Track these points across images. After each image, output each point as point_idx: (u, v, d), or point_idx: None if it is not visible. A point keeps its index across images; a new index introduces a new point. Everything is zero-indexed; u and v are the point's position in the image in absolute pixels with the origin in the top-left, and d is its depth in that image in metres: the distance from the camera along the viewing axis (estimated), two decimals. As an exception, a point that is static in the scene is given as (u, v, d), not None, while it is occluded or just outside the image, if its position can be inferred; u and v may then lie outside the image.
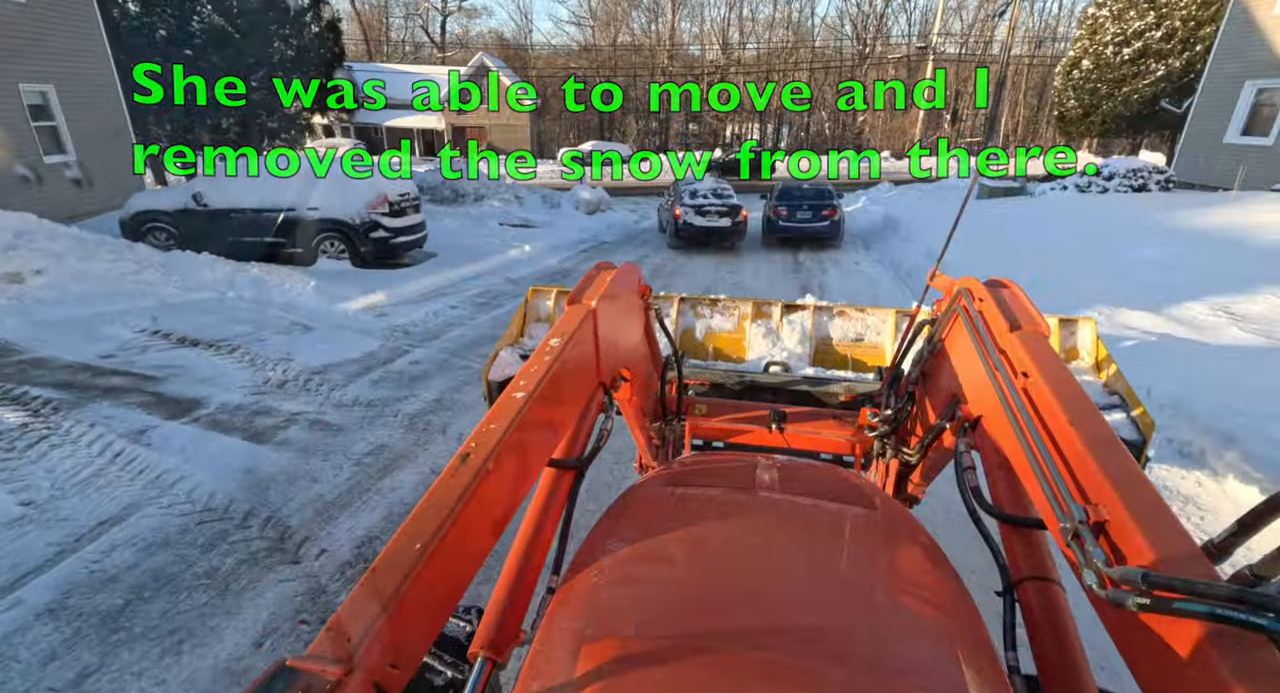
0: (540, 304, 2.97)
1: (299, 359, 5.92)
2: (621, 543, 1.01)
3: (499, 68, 39.09)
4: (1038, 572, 1.03)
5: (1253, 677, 0.58)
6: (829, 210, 12.89)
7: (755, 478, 1.21)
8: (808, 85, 46.78)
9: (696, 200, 12.86)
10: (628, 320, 1.70)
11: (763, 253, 12.93)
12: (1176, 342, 5.45)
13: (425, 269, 9.57)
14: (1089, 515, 0.79)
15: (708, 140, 47.58)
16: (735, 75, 47.67)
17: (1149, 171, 12.97)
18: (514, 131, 40.66)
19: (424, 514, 0.82)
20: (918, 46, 35.65)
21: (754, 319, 3.16)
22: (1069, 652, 0.91)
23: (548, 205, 17.54)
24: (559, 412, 1.21)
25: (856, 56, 44.36)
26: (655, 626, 0.80)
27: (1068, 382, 1.02)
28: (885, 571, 0.96)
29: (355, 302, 7.75)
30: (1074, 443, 0.89)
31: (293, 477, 3.97)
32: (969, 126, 43.83)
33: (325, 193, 8.88)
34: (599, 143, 38.36)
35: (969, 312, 1.37)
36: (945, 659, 0.78)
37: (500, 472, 0.93)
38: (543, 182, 28.59)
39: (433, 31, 50.51)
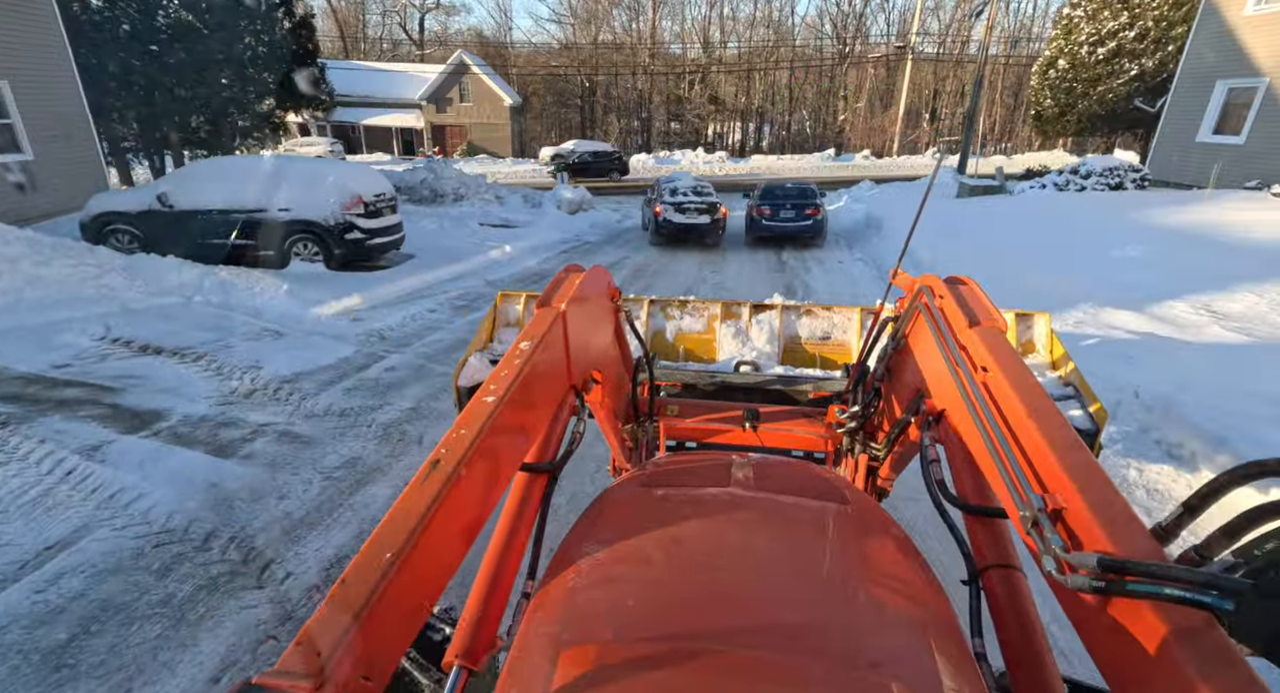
0: (509, 309, 2.96)
1: (268, 367, 5.68)
2: (598, 546, 1.00)
3: (478, 66, 38.66)
4: (1001, 559, 1.06)
5: (1199, 651, 0.61)
6: (812, 210, 12.86)
7: (729, 476, 1.21)
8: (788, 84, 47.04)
9: (676, 198, 13.03)
10: (598, 323, 1.70)
11: (746, 252, 12.86)
12: (1160, 340, 5.46)
13: (402, 271, 9.33)
14: (1047, 504, 0.82)
15: (690, 139, 47.58)
16: (716, 74, 47.73)
17: (1125, 170, 13.14)
18: (495, 130, 40.25)
19: (394, 522, 0.81)
20: (896, 46, 35.95)
21: (723, 320, 3.20)
22: (1032, 636, 0.95)
23: (529, 205, 17.32)
24: (530, 415, 1.21)
25: (837, 55, 44.64)
26: (634, 628, 0.80)
27: (1025, 376, 1.06)
28: (858, 564, 0.97)
29: (329, 306, 7.50)
30: (1032, 435, 0.93)
31: (259, 493, 3.77)
32: (947, 125, 44.36)
33: (297, 193, 8.60)
34: (581, 142, 38.12)
35: (930, 309, 1.41)
36: (917, 649, 0.79)
37: (471, 478, 0.92)
38: (524, 181, 28.34)
39: (411, 29, 49.84)
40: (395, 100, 38.66)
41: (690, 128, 48.06)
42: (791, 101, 50.22)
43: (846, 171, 33.39)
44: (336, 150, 34.57)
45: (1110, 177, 13.09)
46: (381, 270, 9.29)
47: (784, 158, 37.44)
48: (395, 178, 17.86)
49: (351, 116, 38.66)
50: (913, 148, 41.69)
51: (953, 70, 41.57)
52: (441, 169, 17.36)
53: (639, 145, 47.90)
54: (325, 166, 9.37)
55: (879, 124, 43.89)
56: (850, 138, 45.48)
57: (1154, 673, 0.65)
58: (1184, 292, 6.49)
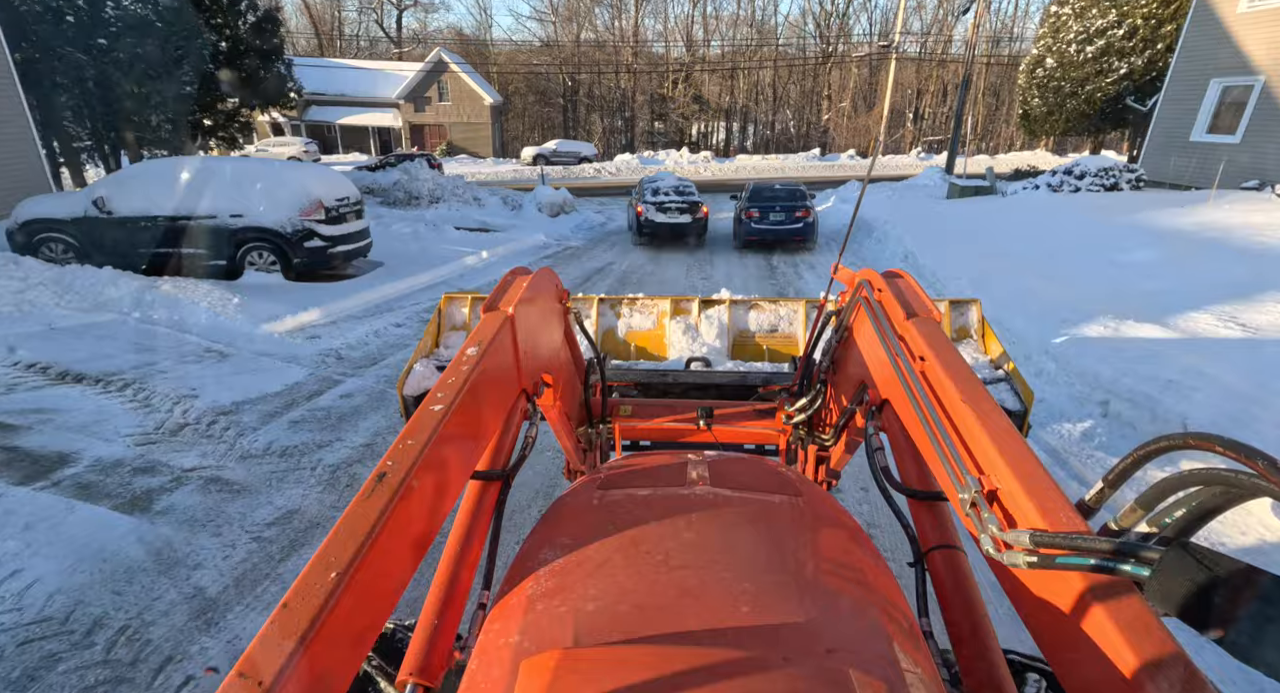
0: (455, 312, 2.91)
1: (206, 396, 5.03)
2: (555, 552, 0.99)
3: (457, 64, 37.81)
4: (944, 540, 1.12)
5: (1119, 615, 0.67)
6: (802, 211, 12.39)
7: (685, 476, 1.22)
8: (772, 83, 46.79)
9: (658, 197, 13.02)
10: (547, 325, 1.69)
11: (735, 257, 12.36)
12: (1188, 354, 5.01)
13: (369, 281, 8.67)
14: (983, 486, 0.88)
15: (674, 139, 47.13)
16: (700, 73, 47.32)
17: (1120, 170, 12.86)
18: (475, 130, 39.43)
19: (339, 539, 0.78)
20: (880, 45, 35.73)
21: (673, 316, 3.21)
22: (974, 612, 1.00)
23: (509, 207, 16.68)
24: (480, 422, 1.20)
25: (820, 54, 44.43)
26: (595, 632, 0.78)
27: (959, 364, 1.12)
28: (812, 555, 0.98)
29: (284, 321, 6.84)
30: (967, 420, 0.98)
31: (168, 562, 3.15)
32: (931, 125, 44.38)
33: (250, 198, 7.91)
34: (563, 141, 37.46)
35: (870, 302, 1.45)
36: (870, 633, 0.82)
37: (420, 489, 0.91)
38: (504, 181, 27.63)
39: (388, 26, 48.75)
40: (372, 99, 37.69)
41: (674, 127, 47.61)
42: (775, 101, 50.00)
43: (832, 171, 33.11)
44: (311, 150, 33.56)
45: (1105, 177, 12.80)
46: (346, 280, 8.63)
47: (769, 158, 37.10)
48: (368, 180, 17.13)
49: (327, 116, 37.62)
50: (896, 147, 41.61)
51: (935, 70, 41.55)
52: (416, 171, 16.65)
53: (622, 145, 47.33)
54: (282, 169, 8.68)
55: (863, 124, 43.76)
56: (835, 138, 45.32)
57: (1081, 638, 0.71)
58: (1204, 302, 6.08)
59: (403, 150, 37.60)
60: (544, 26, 51.01)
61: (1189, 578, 0.64)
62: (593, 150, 37.09)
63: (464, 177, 19.60)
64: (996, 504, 0.86)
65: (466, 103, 38.51)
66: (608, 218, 17.68)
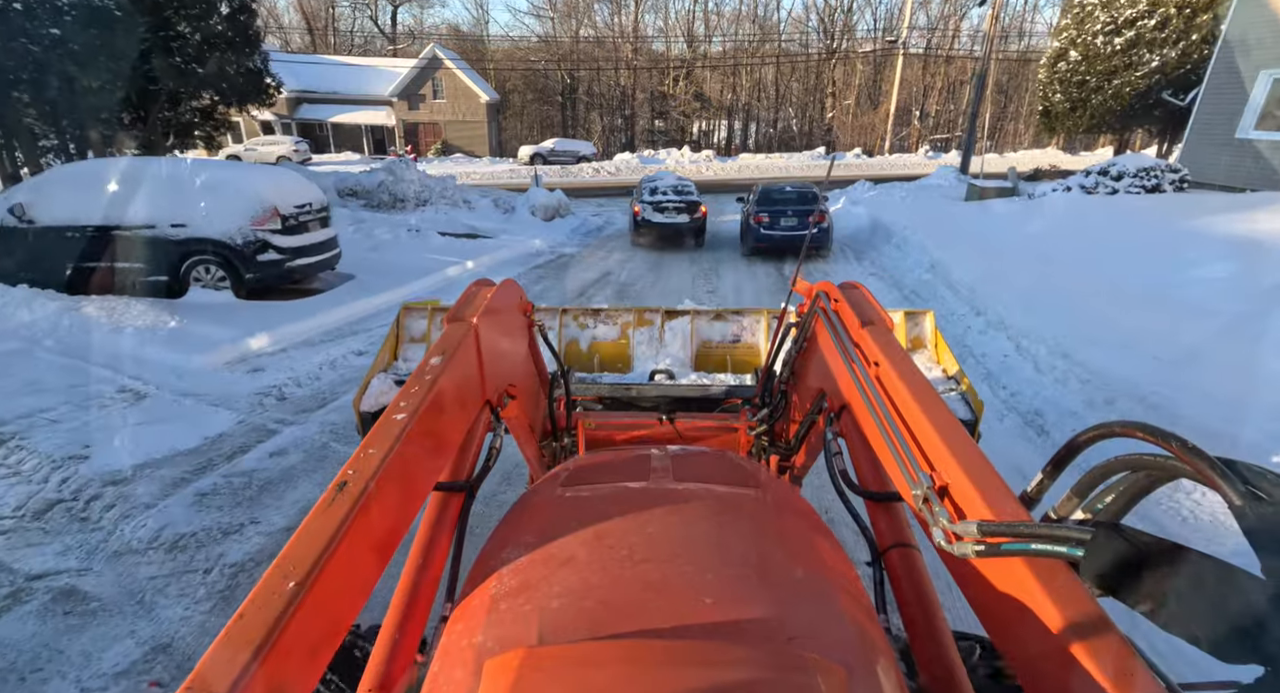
0: (414, 324, 2.89)
1: (98, 457, 4.05)
2: (518, 550, 0.97)
3: (452, 60, 36.80)
4: (899, 540, 1.17)
5: (1057, 594, 0.72)
6: (816, 216, 11.34)
7: (648, 469, 1.23)
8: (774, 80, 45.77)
9: (655, 197, 12.69)
10: (511, 337, 1.72)
11: (743, 265, 11.35)
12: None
13: (334, 298, 7.68)
14: (934, 482, 0.94)
15: (675, 137, 46.10)
16: (701, 70, 46.29)
17: (1162, 170, 11.84)
18: (471, 129, 38.42)
19: (297, 548, 0.78)
20: (887, 41, 34.68)
21: (637, 327, 3.22)
22: (928, 604, 1.04)
23: (500, 210, 15.68)
24: (444, 433, 1.20)
25: (824, 51, 43.37)
26: (559, 630, 0.77)
27: (912, 368, 1.19)
28: (774, 546, 0.98)
29: (223, 350, 5.85)
30: (919, 420, 1.04)
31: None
32: (937, 123, 43.32)
33: (195, 204, 6.92)
34: (562, 140, 36.45)
35: (827, 312, 1.55)
36: (830, 619, 0.83)
37: (382, 499, 0.91)
38: (499, 182, 26.62)
39: (382, 22, 47.71)
40: (365, 97, 36.69)
41: (675, 126, 46.58)
42: (778, 99, 48.96)
43: (839, 171, 32.12)
44: (301, 150, 32.54)
45: (1146, 178, 11.78)
46: (309, 297, 7.63)
47: (772, 157, 36.08)
48: (351, 181, 16.13)
49: (318, 114, 36.63)
50: (902, 145, 40.55)
51: (942, 67, 40.48)
52: (402, 171, 15.65)
53: (622, 144, 46.30)
54: (233, 172, 7.68)
55: (868, 122, 42.72)
56: (839, 136, 44.29)
57: (1022, 616, 0.75)
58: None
59: (396, 149, 36.65)
60: (542, 22, 50.02)
61: (1118, 556, 0.71)
62: (592, 149, 36.08)
63: (455, 177, 18.58)
64: (947, 499, 0.91)
65: (462, 100, 37.50)
66: (606, 221, 16.68)
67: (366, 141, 37.86)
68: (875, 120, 42.32)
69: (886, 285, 9.49)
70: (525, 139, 43.84)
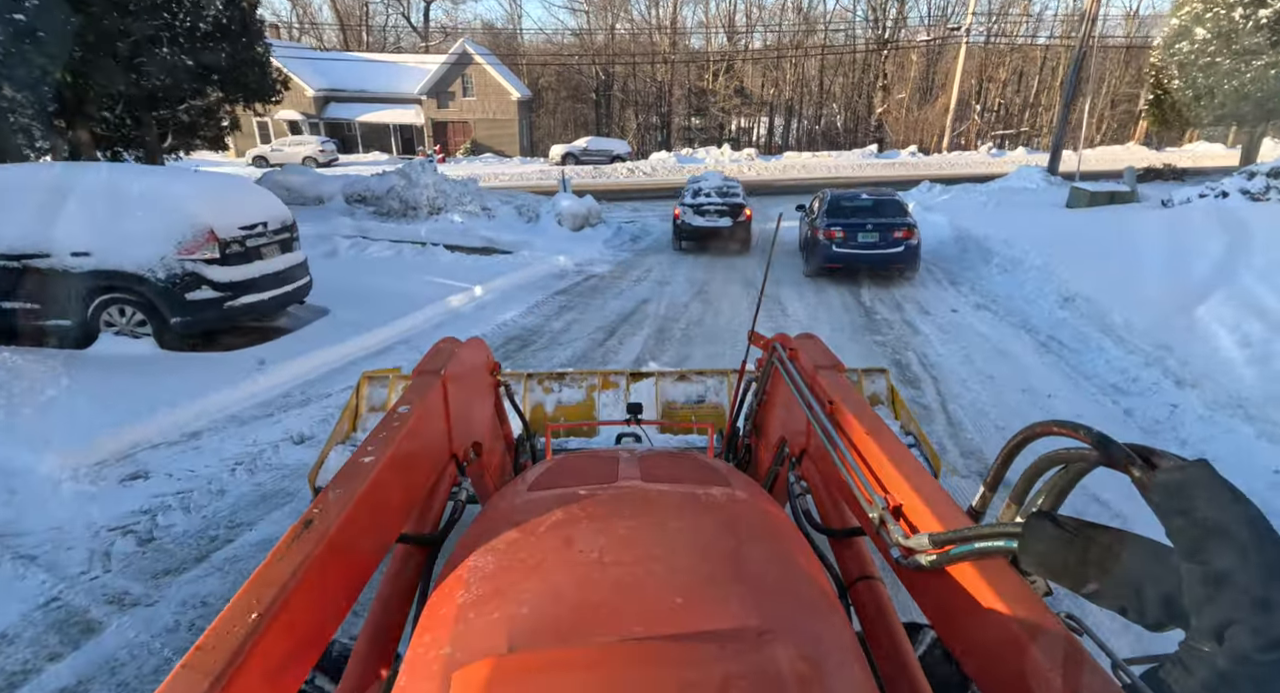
0: (375, 393, 2.86)
1: None
2: (486, 556, 0.95)
3: (483, 56, 35.36)
4: (862, 572, 1.24)
5: (998, 586, 0.80)
6: (903, 231, 9.23)
7: (617, 471, 1.24)
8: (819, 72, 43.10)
9: (698, 199, 11.93)
10: (478, 396, 1.74)
11: (810, 291, 9.26)
12: None
13: (294, 344, 5.94)
14: (889, 503, 1.02)
15: (713, 135, 43.87)
16: (743, 64, 43.92)
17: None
18: (501, 127, 36.96)
19: (261, 582, 0.79)
20: (950, 28, 31.74)
21: (602, 389, 3.20)
22: (894, 633, 1.11)
23: (523, 218, 13.88)
24: (410, 480, 1.20)
25: (875, 41, 40.49)
26: (529, 637, 0.76)
27: (863, 405, 1.30)
28: (741, 543, 0.99)
29: (101, 439, 4.13)
30: (871, 448, 1.14)
31: None
32: (1000, 117, 39.99)
33: (103, 226, 5.24)
34: (595, 139, 34.65)
35: (784, 361, 1.64)
36: (799, 617, 0.85)
37: (348, 539, 0.91)
38: (528, 183, 24.95)
39: (416, 21, 46.74)
40: (393, 95, 35.57)
41: (713, 123, 44.34)
42: (822, 94, 46.24)
43: (893, 170, 29.49)
44: (328, 150, 31.57)
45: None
46: (261, 344, 5.91)
47: (819, 155, 33.57)
48: (360, 186, 14.57)
49: (346, 113, 35.67)
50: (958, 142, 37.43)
51: (1006, 56, 37.17)
52: (417, 175, 14.00)
53: (658, 143, 44.31)
54: (160, 179, 5.96)
55: (922, 117, 39.71)
56: (889, 132, 41.37)
57: (972, 614, 0.82)
58: None
59: (424, 149, 35.43)
60: (576, 17, 48.31)
61: (1053, 544, 0.75)
62: (626, 148, 34.21)
63: (478, 179, 16.89)
64: (902, 518, 0.99)
65: (493, 98, 36.06)
66: (641, 228, 14.75)
67: (395, 141, 36.77)
68: (930, 115, 39.29)
69: (1008, 325, 7.28)
70: (558, 137, 42.22)
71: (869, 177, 27.87)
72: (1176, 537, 0.64)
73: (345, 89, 35.20)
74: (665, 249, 12.61)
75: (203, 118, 15.01)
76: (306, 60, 34.84)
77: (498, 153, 36.63)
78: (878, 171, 29.47)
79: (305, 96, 34.19)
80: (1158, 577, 0.65)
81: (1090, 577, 0.71)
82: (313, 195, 14.48)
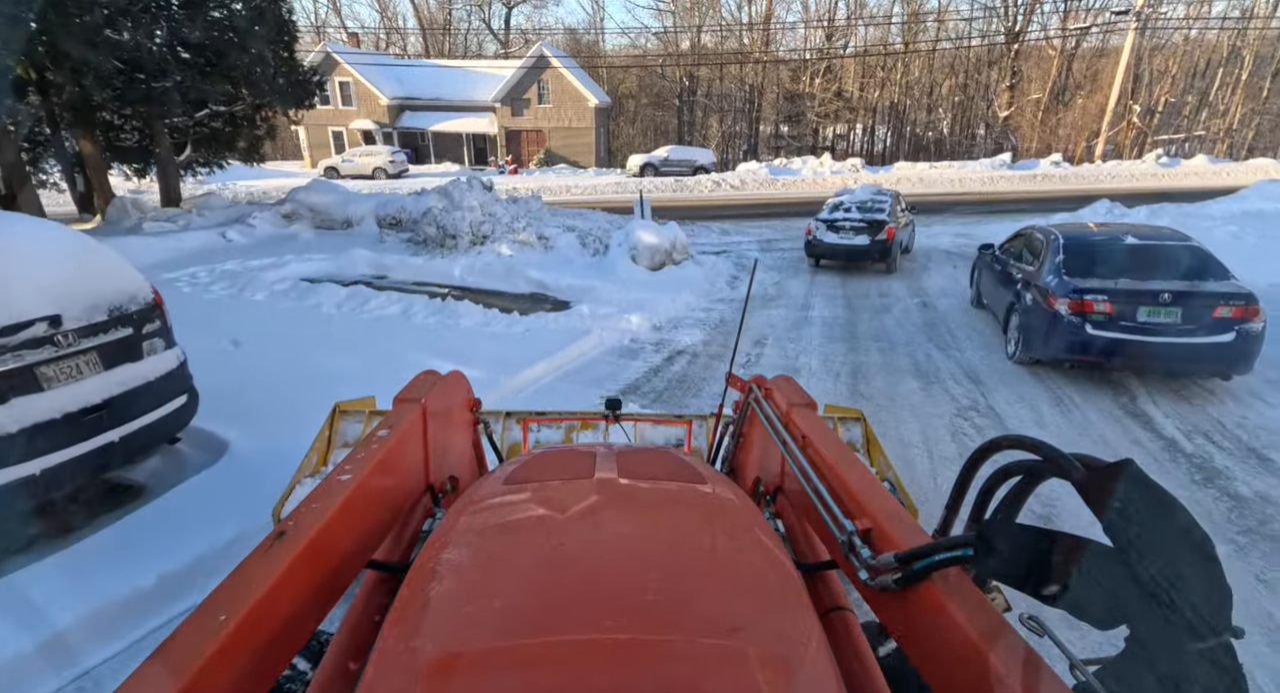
0: (348, 428, 2.77)
1: None
2: (458, 550, 0.96)
3: (560, 58, 33.06)
4: (834, 603, 1.26)
5: (955, 595, 0.85)
6: (1232, 308, 5.27)
7: (592, 467, 1.23)
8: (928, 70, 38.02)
9: (834, 214, 10.84)
10: (456, 429, 1.73)
11: (1048, 403, 5.46)
12: None
13: (130, 535, 2.93)
14: (857, 527, 1.05)
15: (806, 143, 39.69)
16: (843, 64, 39.52)
17: None
18: (577, 136, 34.54)
19: (231, 587, 0.79)
20: (1116, 11, 26.13)
21: (582, 430, 3.22)
22: (865, 661, 1.10)
23: (588, 251, 10.78)
24: (384, 504, 1.19)
25: (1008, 34, 35.04)
26: (501, 630, 0.76)
27: (834, 439, 1.37)
28: (714, 539, 1.01)
29: None
30: (842, 478, 1.18)
31: None
32: (1160, 119, 33.39)
33: None
34: (677, 148, 31.47)
35: (760, 402, 1.68)
36: (771, 614, 0.86)
37: (320, 554, 0.92)
38: (602, 198, 22.04)
39: (496, 25, 45.51)
40: (468, 103, 33.94)
41: (807, 130, 40.13)
42: (932, 97, 41.01)
43: (1037, 184, 24.45)
44: (398, 161, 30.14)
45: None
46: (78, 535, 2.95)
47: (938, 166, 28.78)
48: (394, 207, 11.97)
49: (420, 122, 34.38)
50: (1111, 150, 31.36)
51: (1179, 47, 30.75)
52: (460, 195, 11.23)
53: (743, 152, 40.65)
54: None
55: (1063, 119, 33.83)
56: (1018, 140, 35.70)
57: (934, 627, 0.86)
58: None
59: (496, 159, 33.49)
60: (661, 17, 45.53)
61: (1009, 552, 0.79)
62: (711, 158, 30.80)
63: (540, 196, 14.01)
64: (869, 543, 1.03)
65: (569, 105, 33.71)
66: (736, 263, 11.31)
67: (467, 151, 35.16)
68: (1071, 118, 33.40)
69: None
70: (636, 147, 39.41)
71: (1007, 192, 23.04)
72: (1111, 533, 0.70)
73: (420, 97, 33.92)
74: (782, 299, 9.10)
75: (229, 126, 12.99)
76: (382, 67, 33.85)
77: (572, 163, 34.22)
78: (1016, 186, 24.51)
79: (380, 105, 33.14)
80: (1102, 578, 0.69)
81: (1043, 580, 0.75)
82: (340, 218, 12.03)
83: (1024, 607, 0.84)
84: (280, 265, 8.99)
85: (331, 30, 41.87)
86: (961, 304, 8.82)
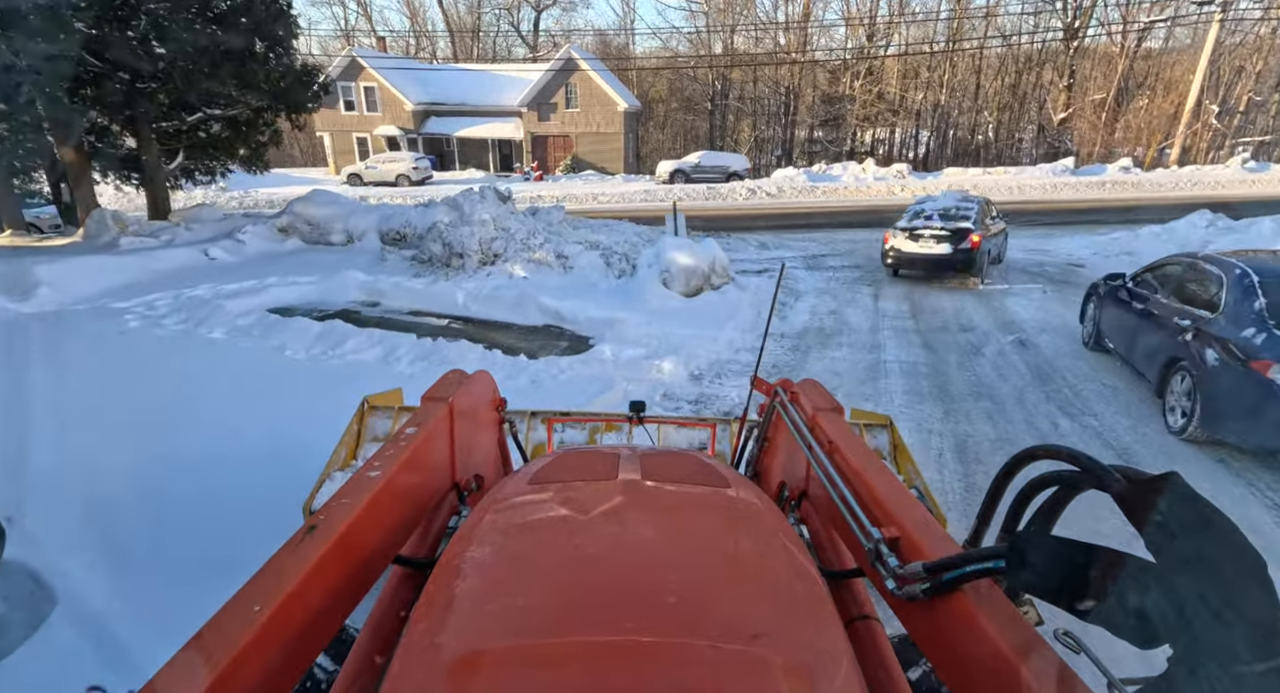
0: (377, 423, 2.81)
1: None
2: (484, 548, 0.96)
3: (588, 61, 31.88)
4: (860, 612, 1.23)
5: (985, 607, 0.82)
6: None
7: (616, 469, 1.22)
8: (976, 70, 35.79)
9: (914, 222, 9.93)
10: (482, 428, 1.75)
11: (1252, 504, 3.79)
12: None
13: None
14: (885, 535, 1.01)
15: (843, 148, 37.77)
16: (884, 64, 37.53)
17: None
18: (605, 141, 33.28)
19: (264, 579, 0.80)
20: (1194, 2, 23.77)
21: (606, 432, 3.22)
22: (890, 669, 1.09)
23: (613, 272, 9.35)
24: (411, 501, 1.20)
25: (1066, 30, 32.68)
26: (525, 629, 0.77)
27: (861, 445, 1.32)
28: (738, 544, 1.01)
29: None
30: (869, 486, 1.14)
31: None
32: (1238, 121, 30.62)
33: None
34: (709, 153, 29.96)
35: (786, 405, 1.65)
36: (794, 621, 0.84)
37: (349, 548, 0.92)
38: (631, 207, 20.68)
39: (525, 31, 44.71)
40: (494, 107, 33.00)
41: (845, 134, 38.21)
42: (978, 98, 38.69)
43: (1107, 192, 22.26)
44: (421, 167, 29.29)
45: None
46: None
47: (993, 172, 26.71)
48: (399, 221, 10.72)
49: (445, 128, 33.55)
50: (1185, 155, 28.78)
51: (1269, 39, 28.02)
52: (471, 208, 9.93)
53: (777, 157, 38.91)
54: None
55: (1128, 122, 31.30)
56: (1074, 143, 33.25)
57: (964, 640, 0.83)
58: None
59: (522, 166, 32.46)
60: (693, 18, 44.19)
61: (1039, 560, 0.75)
62: (745, 164, 29.21)
63: (563, 207, 12.67)
64: (896, 551, 1.00)
65: (597, 109, 32.50)
66: (785, 288, 9.71)
67: (492, 157, 34.21)
68: (1139, 120, 30.86)
69: None
70: (666, 153, 38.01)
71: (1073, 201, 20.93)
72: (1153, 547, 0.68)
73: (445, 102, 33.10)
74: (843, 335, 7.52)
75: (229, 131, 11.97)
76: (408, 72, 33.14)
77: (600, 169, 32.98)
78: (1082, 193, 22.35)
79: (404, 110, 32.41)
80: (1143, 594, 0.65)
81: (1078, 594, 0.71)
82: (340, 232, 10.85)
83: (1059, 622, 0.82)
84: (257, 291, 7.77)
85: (361, 35, 41.58)
86: (1071, 346, 7.13)
